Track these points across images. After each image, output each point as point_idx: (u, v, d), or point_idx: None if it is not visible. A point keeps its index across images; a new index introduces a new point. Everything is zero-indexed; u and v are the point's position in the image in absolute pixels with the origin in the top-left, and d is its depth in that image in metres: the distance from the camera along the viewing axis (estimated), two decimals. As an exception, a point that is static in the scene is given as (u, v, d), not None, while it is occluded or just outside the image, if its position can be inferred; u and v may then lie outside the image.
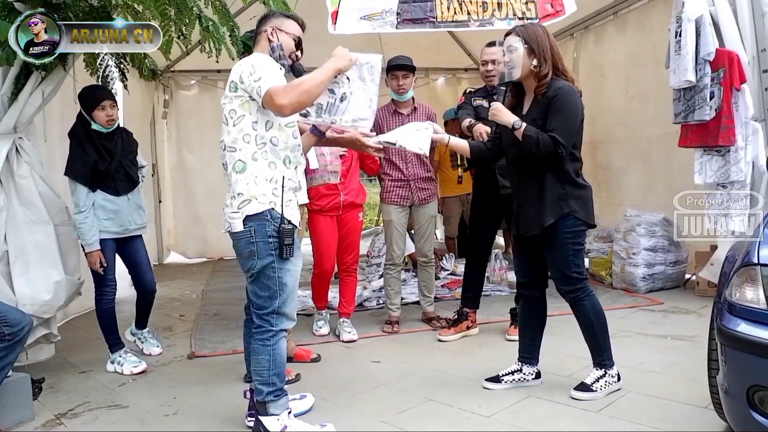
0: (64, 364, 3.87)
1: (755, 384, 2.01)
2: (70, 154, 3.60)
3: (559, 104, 2.83)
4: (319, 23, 4.33)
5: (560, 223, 2.90)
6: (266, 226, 2.54)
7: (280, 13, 2.84)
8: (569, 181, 2.92)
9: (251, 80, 2.50)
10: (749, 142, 4.08)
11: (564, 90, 2.85)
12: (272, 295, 2.59)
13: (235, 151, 2.56)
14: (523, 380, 3.20)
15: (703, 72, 4.15)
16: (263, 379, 2.61)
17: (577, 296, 3.00)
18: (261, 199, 2.54)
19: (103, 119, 3.59)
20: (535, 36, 2.89)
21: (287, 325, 2.67)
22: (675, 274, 5.24)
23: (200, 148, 8.10)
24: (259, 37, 2.75)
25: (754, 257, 2.14)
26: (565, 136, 2.81)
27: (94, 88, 3.79)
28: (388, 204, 4.37)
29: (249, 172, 2.55)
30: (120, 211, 3.69)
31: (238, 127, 2.56)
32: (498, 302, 4.95)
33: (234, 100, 2.57)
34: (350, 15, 4.09)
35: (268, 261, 2.56)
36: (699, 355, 2.76)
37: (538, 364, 3.24)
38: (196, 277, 7.21)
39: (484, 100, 4.05)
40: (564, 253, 2.96)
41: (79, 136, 3.59)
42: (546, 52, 2.87)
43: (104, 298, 3.71)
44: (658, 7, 5.60)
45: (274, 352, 2.61)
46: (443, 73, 9.01)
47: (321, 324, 4.32)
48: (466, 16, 4.25)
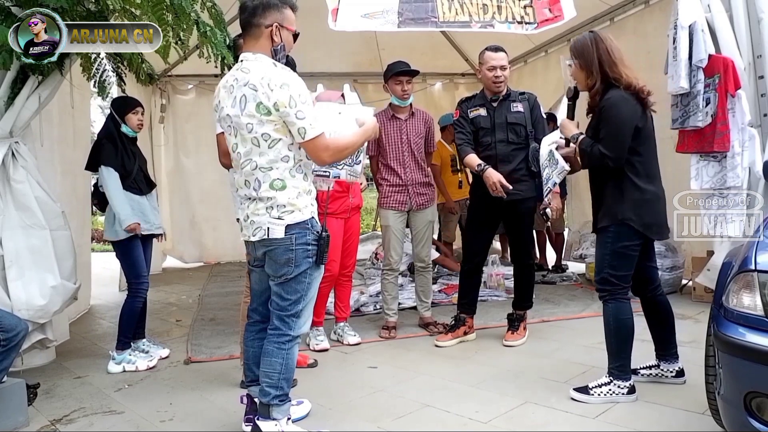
0: (60, 369, 3.85)
1: (752, 390, 2.01)
2: (103, 149, 3.76)
3: (605, 115, 2.89)
4: (318, 25, 4.33)
5: (611, 227, 2.96)
6: (306, 235, 2.56)
7: (277, 0, 2.58)
8: (629, 187, 2.94)
9: (291, 113, 2.44)
10: (746, 147, 4.08)
11: (610, 101, 2.89)
12: (298, 299, 2.60)
13: (271, 170, 2.52)
14: (660, 376, 3.18)
15: (696, 78, 4.17)
16: (272, 382, 2.59)
17: (604, 297, 3.02)
18: (304, 210, 2.56)
19: (134, 123, 3.90)
20: (581, 50, 2.96)
21: (303, 330, 2.68)
22: (672, 280, 5.25)
23: (197, 152, 8.11)
24: (257, 32, 2.55)
25: (751, 263, 2.13)
26: (610, 147, 2.86)
27: (128, 96, 4.20)
28: (386, 209, 4.36)
29: (290, 188, 2.53)
30: (144, 211, 3.89)
31: (275, 150, 2.50)
32: (495, 308, 4.95)
33: (266, 124, 2.47)
34: (351, 12, 4.06)
35: (304, 267, 2.57)
36: (696, 361, 2.76)
37: (678, 361, 3.17)
38: (193, 281, 7.20)
39: (482, 108, 4.01)
40: (603, 253, 3.01)
41: (113, 135, 3.82)
42: (591, 64, 2.92)
43: (138, 295, 3.87)
44: (654, 13, 5.63)
45: (288, 357, 2.61)
46: (440, 78, 9.04)
47: (321, 339, 4.11)
48: (468, 17, 4.25)
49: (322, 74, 8.25)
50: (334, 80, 8.10)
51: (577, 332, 4.27)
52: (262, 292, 2.75)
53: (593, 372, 3.35)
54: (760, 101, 4.18)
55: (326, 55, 7.63)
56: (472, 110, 4.02)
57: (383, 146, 4.34)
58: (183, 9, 3.23)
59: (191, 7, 3.23)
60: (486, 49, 4.01)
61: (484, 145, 3.97)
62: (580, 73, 2.98)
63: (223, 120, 2.61)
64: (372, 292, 5.28)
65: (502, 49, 3.97)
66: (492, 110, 3.98)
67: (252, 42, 2.59)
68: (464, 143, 4.02)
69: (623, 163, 2.90)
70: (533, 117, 4.00)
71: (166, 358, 4.01)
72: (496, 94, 3.98)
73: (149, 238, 4.03)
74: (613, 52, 2.93)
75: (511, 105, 3.99)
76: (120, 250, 3.85)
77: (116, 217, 3.73)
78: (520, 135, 3.95)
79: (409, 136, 4.32)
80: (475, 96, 4.15)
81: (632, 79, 2.90)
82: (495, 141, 3.94)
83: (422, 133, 4.37)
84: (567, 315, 4.78)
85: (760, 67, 4.16)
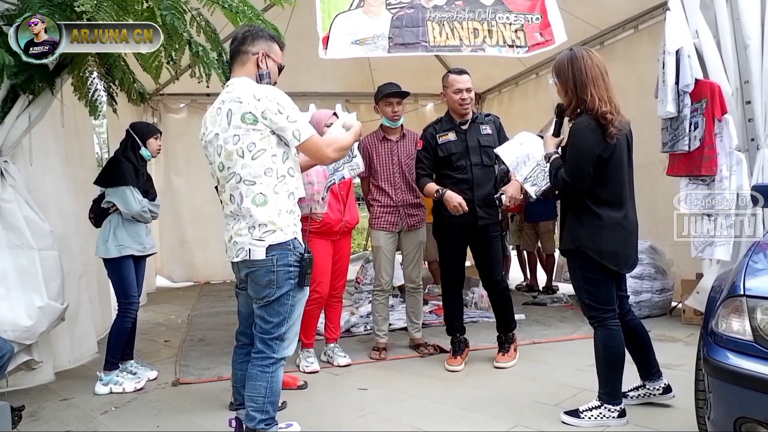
0: (45, 391, 3.80)
1: (742, 416, 2.01)
2: (121, 168, 3.84)
3: (569, 141, 2.88)
4: (309, 49, 4.37)
5: (572, 252, 2.96)
6: (288, 256, 2.54)
7: (267, 34, 2.75)
8: (588, 215, 2.89)
9: (282, 119, 2.50)
10: (734, 172, 4.12)
11: (575, 127, 2.86)
12: (281, 322, 2.57)
13: (254, 184, 2.52)
14: (648, 395, 3.17)
15: (683, 103, 4.22)
16: (257, 406, 2.56)
17: (592, 323, 3.01)
18: (286, 230, 2.54)
19: (155, 148, 4.04)
20: (558, 69, 2.90)
21: (288, 353, 2.64)
22: (661, 302, 5.27)
23: (188, 171, 8.10)
24: (245, 58, 2.67)
25: (740, 288, 2.14)
26: (570, 173, 2.83)
27: (148, 122, 4.38)
28: (377, 230, 4.36)
29: (271, 205, 2.52)
30: (140, 232, 3.91)
31: (258, 161, 2.52)
32: (485, 329, 4.93)
33: (252, 134, 2.50)
34: (341, 40, 4.10)
35: (286, 289, 2.55)
36: (686, 384, 2.76)
37: (662, 378, 3.15)
38: (182, 301, 7.15)
39: (451, 132, 3.99)
40: (575, 279, 3.01)
41: (130, 156, 3.91)
42: (568, 83, 2.85)
43: (128, 315, 3.85)
44: (643, 38, 5.72)
45: (272, 380, 2.58)
46: (432, 98, 9.10)
47: (311, 360, 4.07)
48: (459, 42, 4.29)
49: (314, 94, 8.33)
50: (326, 100, 8.19)
51: (568, 354, 4.26)
52: (249, 315, 2.73)
53: (584, 395, 3.34)
54: (747, 126, 4.24)
55: (319, 77, 7.68)
56: (441, 135, 4.01)
57: (374, 167, 4.35)
58: (175, 29, 3.24)
59: (183, 27, 3.24)
60: (450, 72, 4.04)
61: (459, 169, 3.96)
62: (561, 92, 2.93)
63: (209, 144, 2.63)
64: (362, 313, 5.25)
65: (465, 71, 4.00)
66: (463, 134, 3.99)
67: (239, 68, 2.70)
68: (423, 175, 4.06)
69: (584, 191, 2.85)
70: (500, 139, 4.00)
71: (154, 380, 3.96)
72: (463, 117, 4.00)
73: (142, 259, 4.01)
74: (587, 70, 2.82)
75: (481, 128, 4.02)
76: (111, 269, 3.83)
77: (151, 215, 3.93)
78: (492, 158, 3.96)
79: (400, 158, 4.33)
80: (441, 121, 4.14)
81: (597, 102, 2.78)
82: (470, 165, 3.94)
83: (413, 155, 4.38)
84: (557, 337, 4.78)
85: (747, 92, 4.22)
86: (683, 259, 5.09)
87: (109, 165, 3.94)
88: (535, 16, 4.39)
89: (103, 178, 3.89)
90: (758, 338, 2.03)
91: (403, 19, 4.20)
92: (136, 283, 3.91)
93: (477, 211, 3.92)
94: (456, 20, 4.28)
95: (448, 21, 4.27)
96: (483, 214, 3.94)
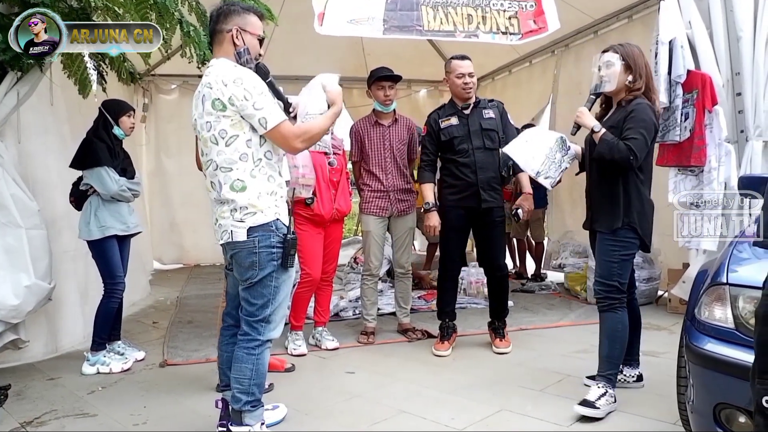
0: (32, 370, 3.80)
1: (722, 402, 2.04)
2: (100, 150, 3.76)
3: (638, 116, 2.96)
4: (304, 31, 4.33)
5: (619, 231, 3.01)
6: (270, 237, 2.52)
7: (240, 7, 2.63)
8: (636, 193, 3.01)
9: (248, 105, 2.44)
10: (722, 163, 4.16)
11: (643, 105, 2.99)
12: (265, 304, 2.56)
13: (231, 170, 2.49)
14: (623, 381, 3.25)
15: (674, 93, 4.24)
16: (243, 388, 2.57)
17: (611, 305, 3.04)
18: (266, 211, 2.52)
19: (127, 126, 3.94)
20: (632, 54, 3.06)
21: (274, 335, 2.64)
22: (648, 291, 5.31)
23: (179, 153, 8.04)
24: (221, 37, 2.59)
25: (723, 277, 2.17)
26: (639, 147, 2.92)
27: (120, 100, 4.17)
28: (367, 214, 4.37)
29: (250, 189, 2.50)
30: (121, 211, 3.87)
31: (232, 147, 2.48)
32: (474, 315, 4.97)
33: (222, 120, 2.47)
34: (337, 17, 4.07)
35: (269, 271, 2.53)
36: (669, 372, 2.79)
37: (639, 367, 3.31)
38: (171, 283, 7.14)
39: (453, 117, 4.02)
40: (610, 260, 3.04)
41: (103, 136, 3.83)
42: (642, 69, 3.04)
43: (114, 295, 3.83)
44: (637, 27, 5.72)
45: (258, 362, 2.58)
46: (425, 85, 9.09)
47: (299, 343, 4.09)
48: (453, 27, 4.28)
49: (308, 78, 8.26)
50: (319, 84, 8.13)
51: (555, 341, 4.31)
52: (236, 296, 2.73)
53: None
54: (737, 117, 4.26)
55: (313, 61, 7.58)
56: (444, 120, 4.03)
57: (366, 152, 4.35)
58: (166, 8, 3.22)
59: (175, 6, 3.21)
60: (452, 58, 4.04)
61: (461, 153, 3.98)
62: (622, 74, 3.04)
63: (194, 127, 2.62)
64: (351, 297, 5.27)
65: (467, 57, 4.00)
66: (465, 118, 4.00)
67: (217, 48, 2.65)
68: (426, 167, 4.11)
69: (638, 165, 2.98)
70: (503, 123, 4.04)
71: (141, 361, 3.97)
72: (466, 101, 4.00)
73: (127, 239, 3.99)
74: (647, 65, 3.10)
75: (483, 112, 4.02)
76: (95, 250, 3.81)
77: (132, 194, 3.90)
78: (494, 141, 3.98)
79: (392, 143, 4.33)
80: (444, 107, 4.16)
81: (651, 91, 3.09)
82: (472, 148, 3.95)
83: (405, 140, 4.39)
84: (545, 324, 4.82)
85: (738, 84, 4.25)
86: (670, 248, 5.13)
87: (82, 147, 3.83)
88: (529, 3, 4.38)
89: (78, 160, 3.80)
90: (740, 326, 2.06)
91: (398, 2, 4.18)
92: (122, 263, 3.90)
93: (481, 194, 3.93)
94: (450, 5, 4.26)
95: (443, 6, 4.25)
96: (487, 197, 3.94)
